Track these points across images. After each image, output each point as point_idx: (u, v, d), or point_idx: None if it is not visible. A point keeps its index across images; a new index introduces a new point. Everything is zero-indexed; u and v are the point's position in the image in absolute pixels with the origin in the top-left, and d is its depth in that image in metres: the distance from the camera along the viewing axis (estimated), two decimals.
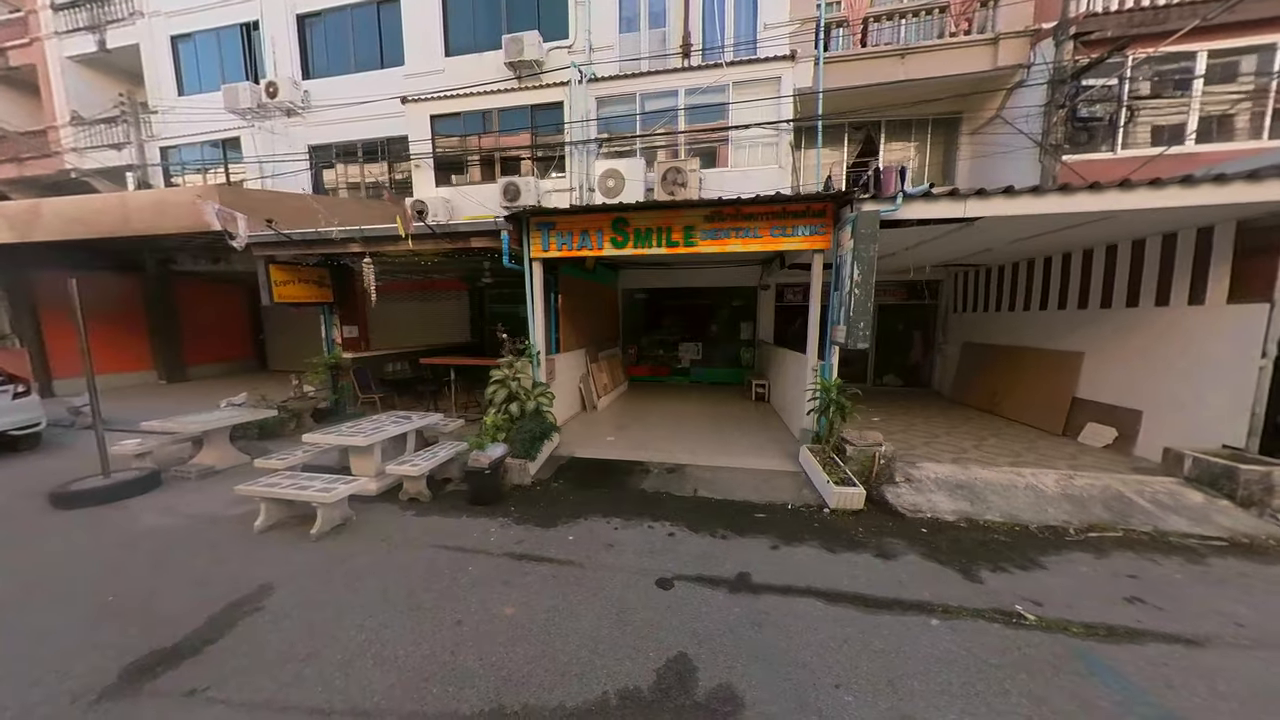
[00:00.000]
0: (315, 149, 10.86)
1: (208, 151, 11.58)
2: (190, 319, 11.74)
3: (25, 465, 5.95)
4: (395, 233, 5.92)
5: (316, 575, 3.44)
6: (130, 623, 2.90)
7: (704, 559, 3.69)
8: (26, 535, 4.08)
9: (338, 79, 10.51)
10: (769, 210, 5.29)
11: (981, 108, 8.80)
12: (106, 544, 3.92)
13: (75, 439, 7.06)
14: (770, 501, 4.73)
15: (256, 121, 10.56)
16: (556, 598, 3.17)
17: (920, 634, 2.82)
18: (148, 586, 3.30)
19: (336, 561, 3.64)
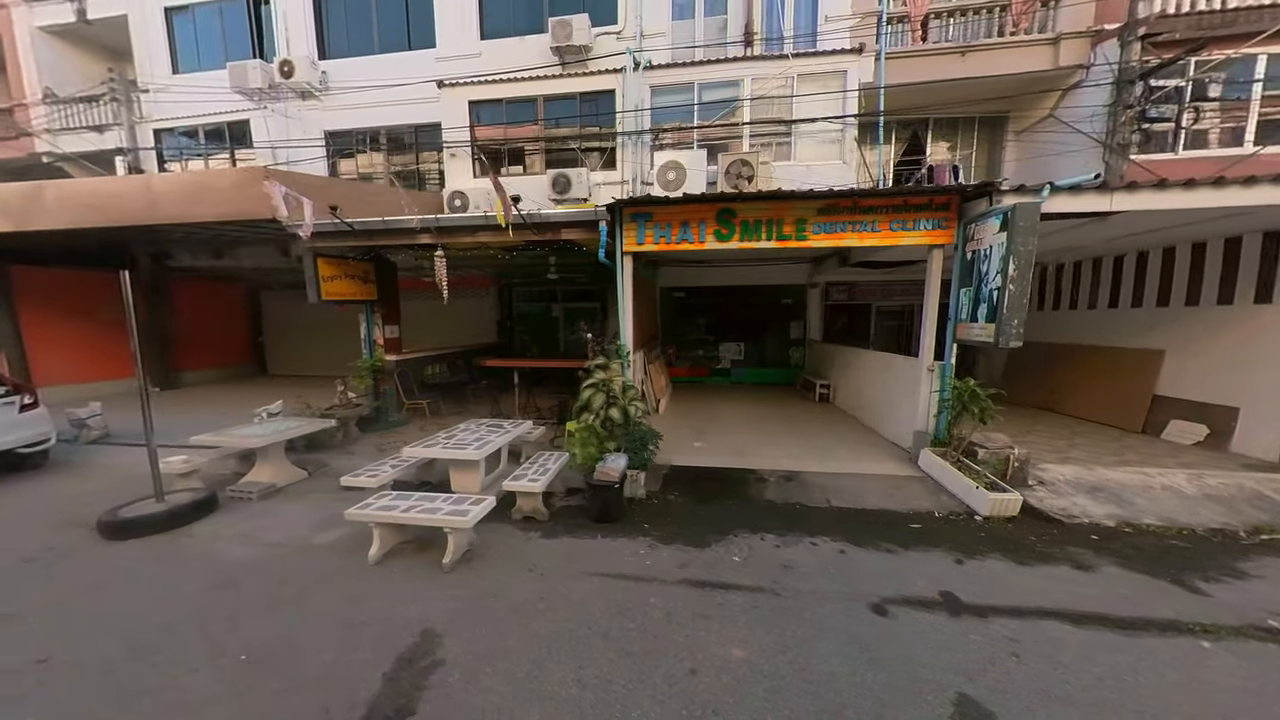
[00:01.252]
0: (333, 135, 10.02)
1: (210, 136, 10.52)
2: (184, 320, 10.66)
3: (39, 488, 5.09)
4: (476, 223, 5.37)
5: (479, 616, 2.93)
6: (290, 688, 2.34)
7: (892, 578, 3.35)
8: (90, 576, 3.38)
9: (359, 60, 9.71)
10: (889, 203, 5.02)
11: (1032, 108, 8.83)
12: (195, 584, 3.28)
13: (83, 455, 6.17)
14: (914, 510, 4.44)
15: (268, 104, 9.65)
16: (775, 633, 2.76)
17: (1204, 659, 2.56)
18: (281, 638, 2.72)
19: (490, 597, 3.12)
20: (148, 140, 10.51)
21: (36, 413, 5.37)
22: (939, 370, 5.23)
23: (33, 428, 5.29)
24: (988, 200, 4.74)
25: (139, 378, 4.23)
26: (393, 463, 4.62)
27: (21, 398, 5.24)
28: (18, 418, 5.17)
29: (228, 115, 9.90)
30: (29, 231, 6.25)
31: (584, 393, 5.15)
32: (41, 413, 5.41)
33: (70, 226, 6.13)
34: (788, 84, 7.84)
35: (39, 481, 5.29)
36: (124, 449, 6.41)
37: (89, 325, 9.44)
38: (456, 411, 8.29)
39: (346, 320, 12.72)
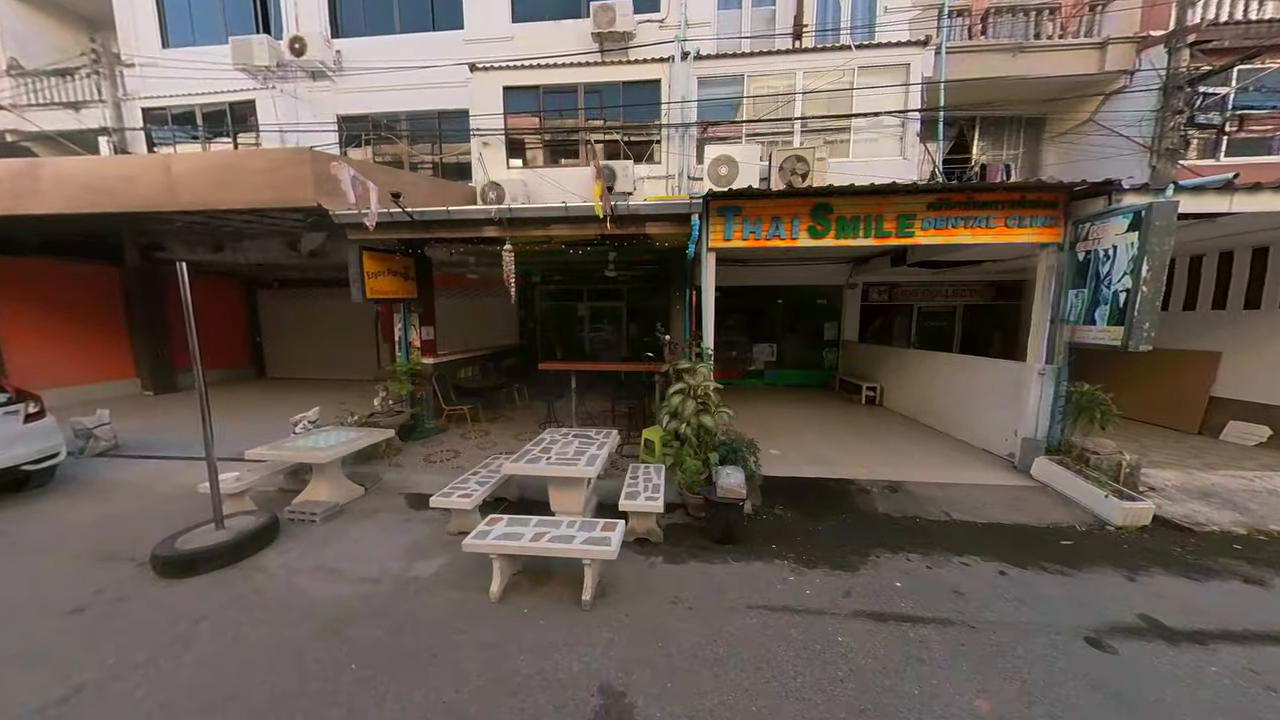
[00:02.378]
0: (346, 119, 9.25)
1: (208, 117, 9.55)
2: (179, 318, 9.67)
3: (52, 514, 4.37)
4: (554, 214, 4.88)
5: (655, 666, 2.50)
6: None
7: (1081, 604, 3.07)
8: (162, 630, 2.78)
9: (376, 40, 8.98)
10: (1006, 198, 4.77)
11: (1071, 111, 8.81)
12: (293, 633, 2.74)
13: (92, 470, 5.40)
14: (1051, 523, 4.19)
15: (275, 83, 8.82)
16: (1005, 677, 2.43)
17: None
18: (445, 711, 2.22)
19: (653, 640, 2.70)
20: (133, 120, 9.47)
21: (44, 423, 4.62)
22: (1051, 374, 5.02)
23: (40, 441, 4.54)
24: (1105, 199, 4.54)
25: (197, 379, 3.60)
26: (479, 479, 4.12)
27: (26, 406, 4.49)
28: (22, 429, 4.42)
29: (230, 95, 8.98)
30: (17, 216, 5.41)
31: (673, 398, 4.72)
32: (49, 424, 4.66)
33: (68, 211, 5.33)
34: (846, 77, 7.57)
35: (48, 504, 4.55)
36: (137, 463, 5.66)
37: (74, 322, 8.44)
38: (493, 417, 7.75)
39: (351, 321, 12.02)
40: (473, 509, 3.78)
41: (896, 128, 7.65)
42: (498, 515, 3.36)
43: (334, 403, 8.92)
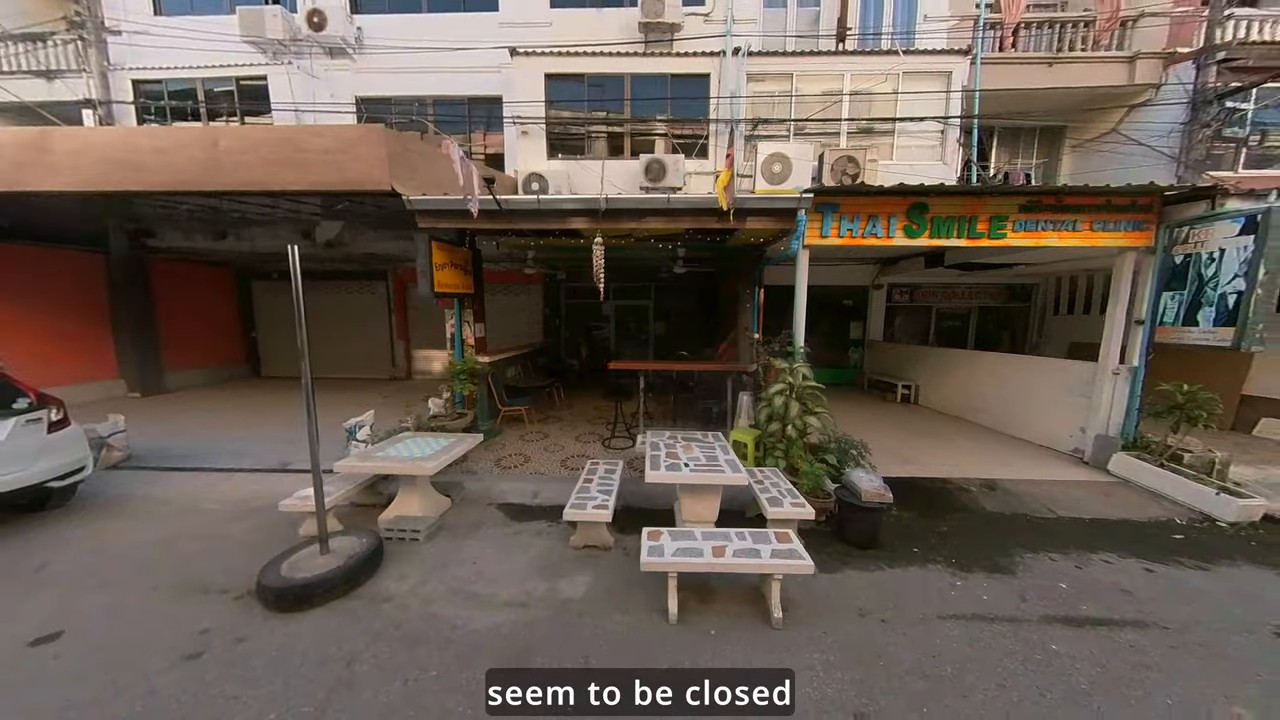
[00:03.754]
0: (366, 101, 8.57)
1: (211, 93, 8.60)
2: (167, 312, 8.70)
3: (87, 538, 3.72)
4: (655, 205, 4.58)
5: (890, 687, 2.31)
6: None
7: (1241, 598, 3.11)
8: (309, 676, 2.34)
9: (402, 18, 8.37)
10: (1094, 201, 4.85)
11: (1094, 121, 9.11)
12: (466, 673, 2.37)
13: (112, 485, 4.68)
14: (1152, 518, 4.26)
15: (289, 59, 8.06)
16: (1233, 680, 2.39)
17: None
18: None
19: (871, 658, 2.51)
20: (121, 92, 8.43)
21: (69, 433, 3.95)
22: (1126, 373, 5.15)
23: (66, 453, 3.88)
24: (1209, 204, 4.68)
25: (305, 381, 3.11)
26: (598, 488, 3.81)
27: (49, 413, 3.81)
28: (48, 440, 3.76)
29: (237, 69, 8.11)
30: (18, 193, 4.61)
31: (775, 399, 4.54)
32: (75, 433, 4.00)
33: (84, 188, 4.59)
34: (890, 81, 7.61)
35: (82, 527, 3.88)
36: (161, 476, 4.97)
37: (51, 316, 7.42)
38: (542, 417, 7.34)
39: (362, 316, 11.22)
40: (602, 520, 3.48)
41: (936, 132, 7.76)
42: (657, 530, 3.07)
43: (350, 404, 8.23)
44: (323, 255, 8.74)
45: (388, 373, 11.44)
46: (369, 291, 11.36)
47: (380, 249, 8.33)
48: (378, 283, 11.36)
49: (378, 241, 8.06)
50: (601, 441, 6.07)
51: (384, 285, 11.38)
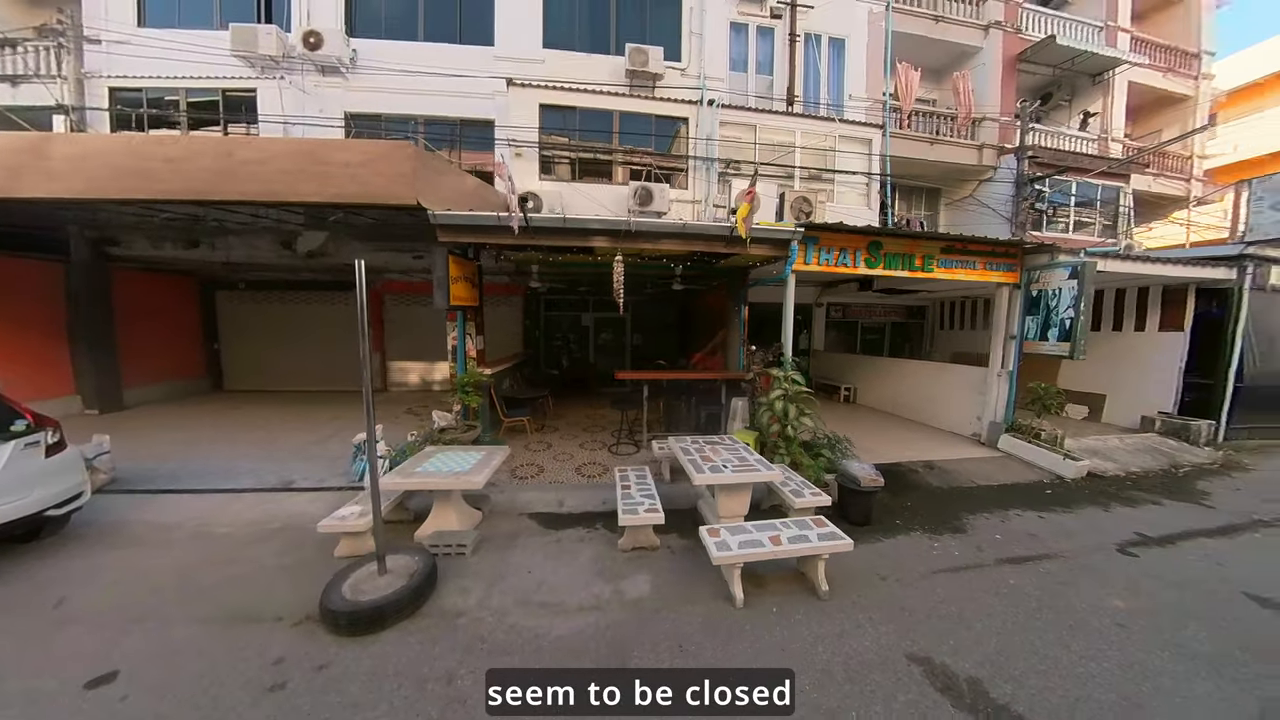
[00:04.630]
0: (355, 117, 7.86)
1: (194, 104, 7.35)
2: (126, 324, 7.28)
3: (104, 567, 3.10)
4: (671, 230, 4.71)
5: (924, 630, 2.57)
6: None
7: (1093, 530, 3.99)
8: (401, 689, 2.16)
9: (397, 44, 7.81)
10: (985, 249, 5.77)
11: (959, 187, 10.75)
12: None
13: (103, 510, 3.87)
14: (1033, 481, 5.17)
15: (281, 74, 7.19)
16: (1105, 584, 3.07)
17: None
18: (804, 704, 2.06)
19: (900, 612, 2.81)
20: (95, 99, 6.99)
21: (66, 456, 3.25)
22: (1007, 375, 6.15)
23: (64, 478, 3.19)
24: (1049, 255, 5.74)
25: (365, 392, 2.86)
26: (641, 494, 3.76)
27: (46, 435, 3.11)
28: (46, 464, 3.06)
29: (225, 81, 7.09)
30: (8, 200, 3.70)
31: (775, 403, 4.84)
32: (72, 456, 3.30)
33: (85, 195, 3.79)
34: (829, 140, 8.43)
35: (85, 557, 3.20)
36: (153, 499, 4.21)
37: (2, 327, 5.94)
38: (538, 427, 7.10)
39: (335, 328, 10.13)
40: (651, 525, 3.49)
41: (863, 183, 8.71)
42: (715, 527, 3.15)
43: (333, 418, 7.48)
44: (299, 265, 7.85)
45: None
46: (343, 303, 10.27)
47: (364, 260, 7.64)
48: (352, 293, 10.30)
49: (363, 252, 7.38)
50: (607, 449, 5.94)
51: None
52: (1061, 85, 11.11)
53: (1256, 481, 5.37)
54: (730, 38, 8.77)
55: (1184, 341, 6.95)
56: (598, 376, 10.74)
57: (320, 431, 6.63)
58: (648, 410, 6.02)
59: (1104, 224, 10.79)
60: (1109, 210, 10.77)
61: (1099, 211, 10.71)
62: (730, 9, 8.73)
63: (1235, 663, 2.41)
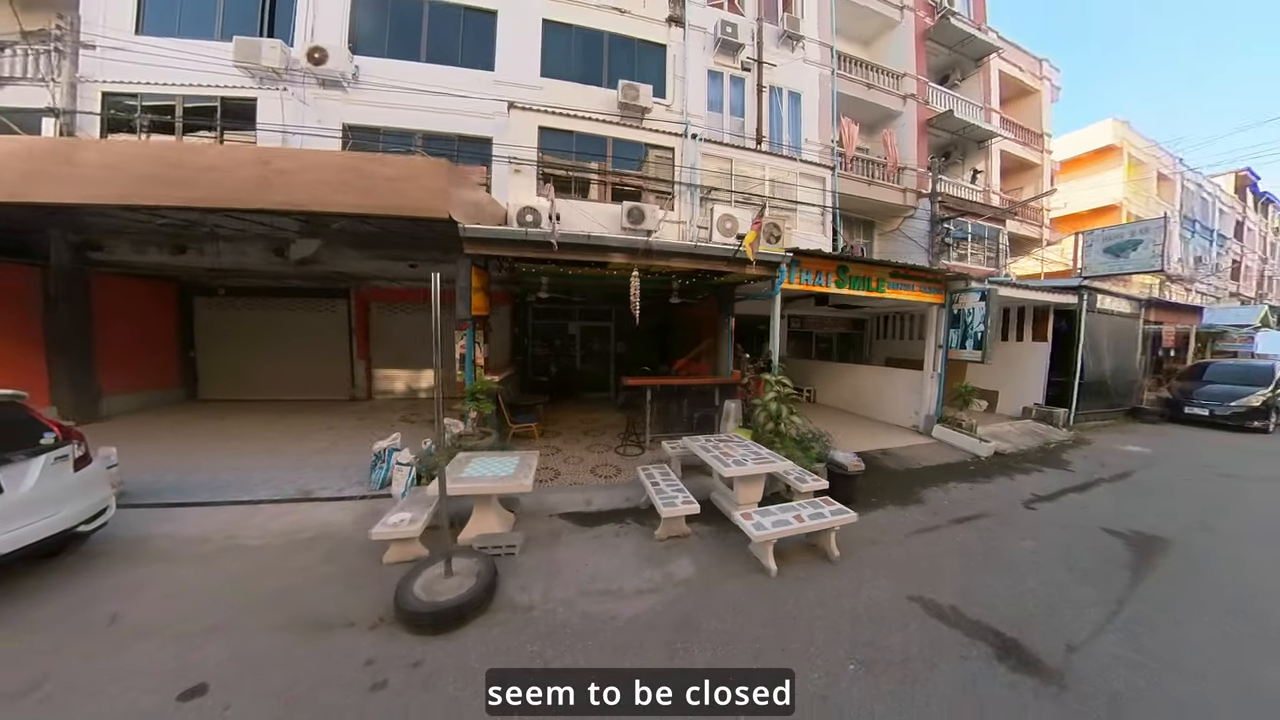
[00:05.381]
0: (354, 129, 7.37)
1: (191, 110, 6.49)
2: (103, 331, 6.27)
3: (143, 583, 2.73)
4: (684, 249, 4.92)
5: (918, 573, 2.90)
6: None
7: (1006, 493, 4.79)
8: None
9: (400, 63, 7.44)
10: (921, 275, 6.56)
11: (887, 222, 11.95)
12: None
13: (112, 525, 3.31)
14: (959, 461, 5.92)
15: (283, 86, 6.60)
16: (1021, 531, 3.76)
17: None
18: (852, 648, 2.29)
19: (898, 564, 3.12)
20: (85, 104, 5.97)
21: (92, 469, 2.85)
22: (937, 377, 6.99)
23: (93, 493, 2.79)
24: (964, 282, 6.64)
25: (436, 401, 2.81)
26: (672, 490, 3.84)
27: (73, 447, 2.71)
28: (74, 479, 2.66)
29: (224, 90, 6.38)
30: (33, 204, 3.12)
31: (770, 404, 5.17)
32: (98, 469, 2.90)
33: (113, 201, 3.30)
34: (791, 176, 9.10)
35: (107, 573, 2.80)
36: (162, 512, 3.74)
37: None
38: (539, 431, 6.97)
39: (318, 336, 9.37)
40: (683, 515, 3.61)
41: (819, 214, 9.47)
42: (749, 512, 3.36)
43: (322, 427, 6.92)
44: (286, 272, 7.19)
45: (347, 393, 9.55)
46: (328, 310, 9.49)
47: (356, 268, 7.21)
48: (338, 300, 9.56)
49: (357, 260, 6.94)
50: (614, 450, 5.90)
51: (345, 303, 9.61)
52: (958, 147, 12.72)
53: (1096, 450, 6.62)
54: (708, 82, 9.20)
55: (1048, 349, 8.33)
56: (585, 383, 10.71)
57: (318, 441, 6.12)
58: (639, 413, 6.14)
59: (989, 256, 12.49)
60: (992, 245, 12.48)
61: (985, 246, 12.38)
62: (708, 59, 9.19)
63: (1102, 573, 3.17)
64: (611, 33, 8.72)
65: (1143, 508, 4.39)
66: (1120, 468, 5.77)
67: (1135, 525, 3.95)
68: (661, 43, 9.00)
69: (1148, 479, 5.41)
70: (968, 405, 6.82)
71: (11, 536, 2.29)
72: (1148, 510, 4.33)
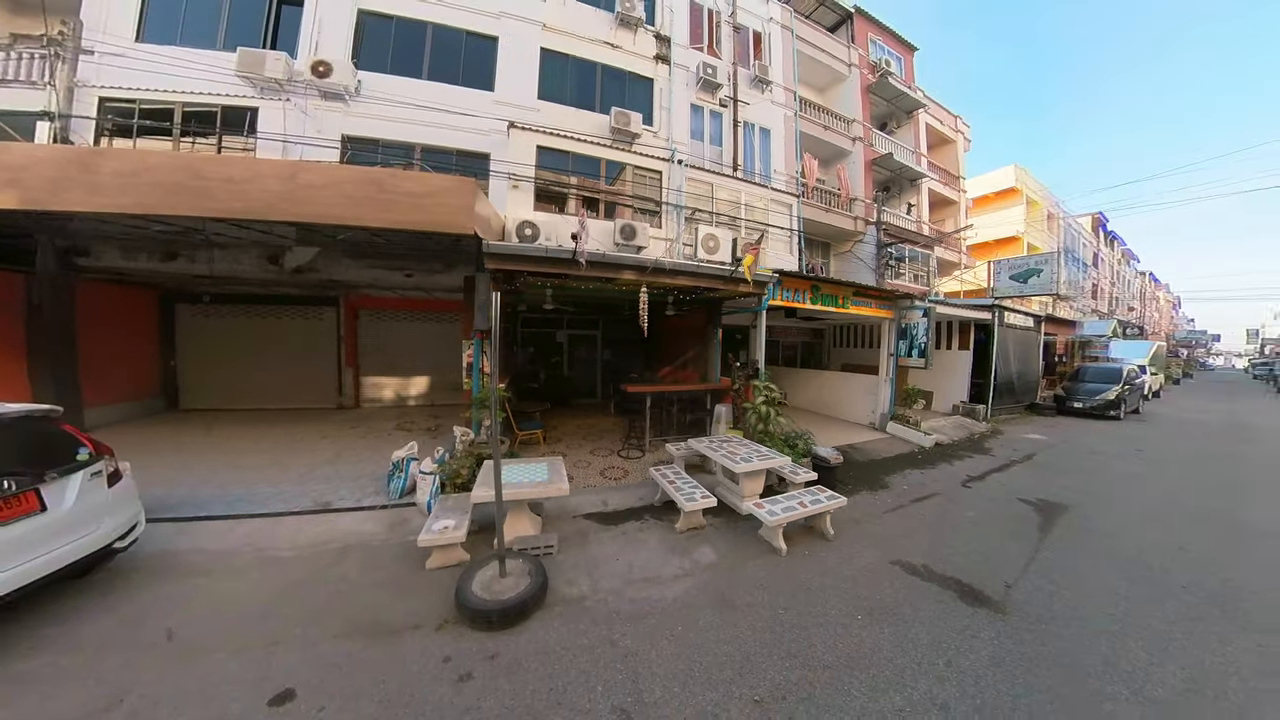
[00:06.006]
0: (353, 140, 7.05)
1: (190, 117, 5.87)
2: (86, 339, 5.53)
3: (187, 598, 2.55)
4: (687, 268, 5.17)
5: (899, 542, 3.29)
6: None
7: (948, 475, 5.51)
8: (591, 668, 2.26)
9: (401, 79, 7.22)
10: (878, 295, 7.25)
11: (841, 244, 12.93)
12: (709, 617, 2.60)
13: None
14: (909, 452, 6.61)
15: (286, 96, 6.22)
16: (965, 505, 4.44)
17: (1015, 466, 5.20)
18: (853, 603, 2.60)
19: (883, 538, 3.48)
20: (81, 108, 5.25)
21: (125, 485, 2.61)
22: (890, 381, 7.71)
23: (126, 509, 2.57)
24: (909, 300, 7.43)
25: (492, 411, 2.87)
26: (690, 487, 4.03)
27: (105, 462, 2.50)
28: (109, 495, 2.46)
29: (224, 99, 5.92)
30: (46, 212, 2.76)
31: (760, 407, 5.52)
32: (129, 484, 2.65)
33: (132, 210, 3.02)
34: (763, 201, 9.69)
35: (141, 589, 2.60)
36: (179, 527, 3.46)
37: None
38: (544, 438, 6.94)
39: (305, 344, 8.84)
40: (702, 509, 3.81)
41: (787, 236, 10.13)
42: (760, 501, 3.65)
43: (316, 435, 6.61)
44: (275, 280, 6.73)
45: (335, 402, 8.97)
46: (316, 317, 8.92)
47: (352, 276, 6.89)
48: (326, 308, 9.01)
49: (354, 269, 6.67)
50: (615, 453, 5.96)
51: (334, 311, 9.08)
52: (896, 184, 14.03)
53: (1008, 439, 7.62)
54: (691, 114, 9.62)
55: (970, 357, 9.43)
56: (573, 390, 10.68)
57: (321, 452, 5.78)
58: (627, 416, 6.27)
59: (921, 276, 13.83)
60: (924, 267, 13.84)
61: (918, 268, 13.70)
62: (691, 94, 9.61)
63: (1022, 532, 3.83)
64: (605, 64, 8.93)
65: (1044, 481, 5.25)
66: (1026, 451, 6.73)
67: (1041, 495, 4.74)
68: (650, 77, 9.33)
69: (1046, 459, 6.37)
70: (913, 404, 7.59)
71: (56, 555, 2.10)
72: (1048, 483, 5.18)
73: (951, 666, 2.21)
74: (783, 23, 11.09)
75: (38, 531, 2.07)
